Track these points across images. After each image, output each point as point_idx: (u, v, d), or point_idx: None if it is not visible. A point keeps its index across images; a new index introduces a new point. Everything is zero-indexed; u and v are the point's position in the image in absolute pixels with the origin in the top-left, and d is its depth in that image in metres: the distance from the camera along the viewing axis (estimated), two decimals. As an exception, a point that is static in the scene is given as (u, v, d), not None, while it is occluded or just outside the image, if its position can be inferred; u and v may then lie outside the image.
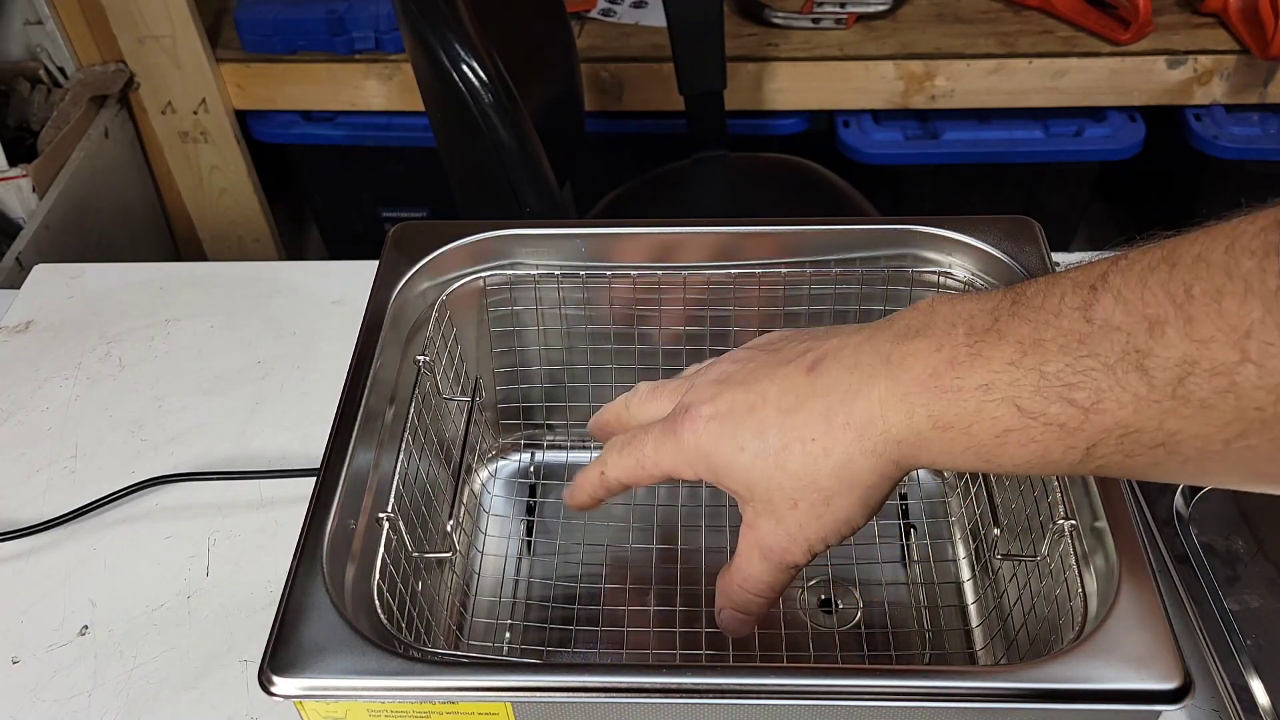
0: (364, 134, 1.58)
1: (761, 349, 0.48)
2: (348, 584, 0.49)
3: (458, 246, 0.62)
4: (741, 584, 0.48)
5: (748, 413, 0.44)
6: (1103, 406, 0.35)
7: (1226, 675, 0.54)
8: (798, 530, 0.44)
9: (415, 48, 0.97)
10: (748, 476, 0.44)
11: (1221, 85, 1.47)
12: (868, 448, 0.42)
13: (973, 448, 0.39)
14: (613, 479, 0.50)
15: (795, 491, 0.43)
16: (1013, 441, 0.38)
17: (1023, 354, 0.37)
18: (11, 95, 1.46)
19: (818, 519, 0.44)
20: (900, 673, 0.44)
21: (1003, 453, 0.38)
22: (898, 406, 0.40)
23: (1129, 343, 0.34)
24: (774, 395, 0.44)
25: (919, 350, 0.40)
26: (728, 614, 0.50)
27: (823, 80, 1.49)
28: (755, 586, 0.47)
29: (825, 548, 0.45)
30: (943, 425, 0.39)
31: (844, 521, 0.44)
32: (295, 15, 1.49)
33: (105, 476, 0.71)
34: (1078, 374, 0.35)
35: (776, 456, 0.43)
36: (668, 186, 1.36)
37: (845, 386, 0.42)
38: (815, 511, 0.44)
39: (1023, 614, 0.54)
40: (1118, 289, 0.35)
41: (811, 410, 0.43)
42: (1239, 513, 0.63)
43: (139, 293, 0.86)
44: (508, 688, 0.43)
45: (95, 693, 0.60)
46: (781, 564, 0.46)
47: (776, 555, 0.46)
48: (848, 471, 0.42)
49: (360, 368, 0.55)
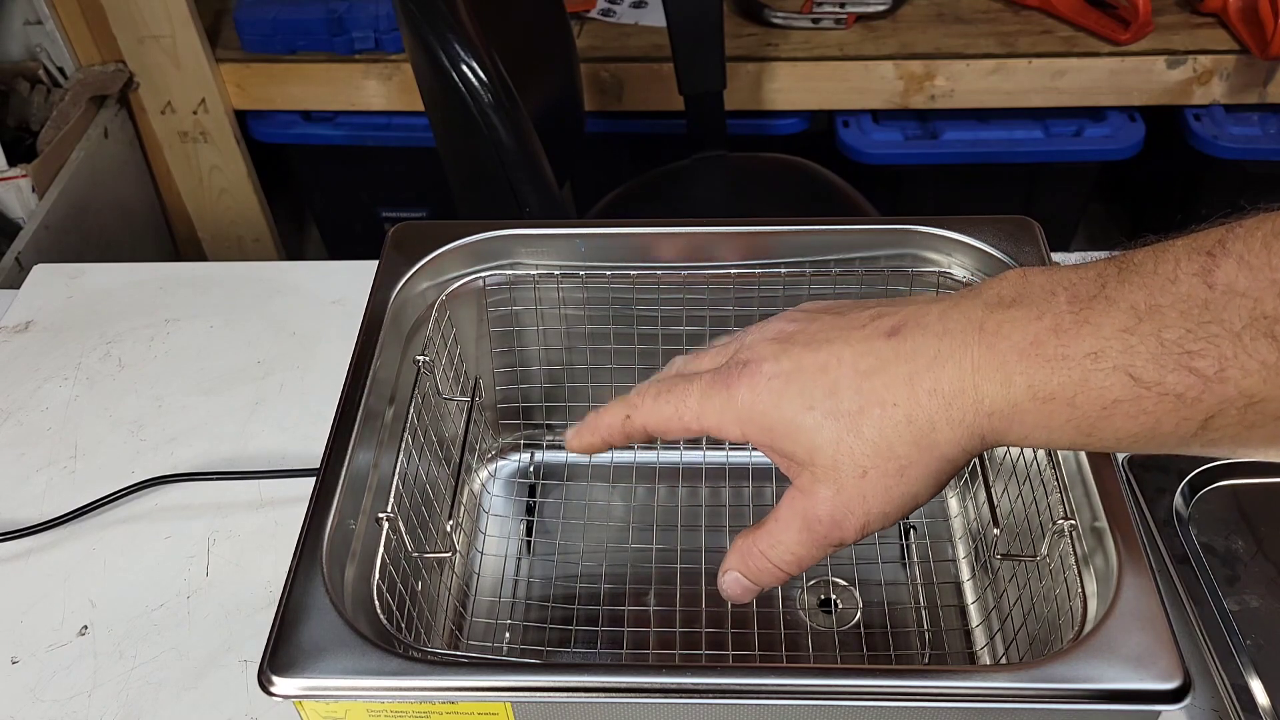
0: (364, 134, 1.58)
1: (823, 311, 0.44)
2: (347, 584, 0.49)
3: (458, 246, 0.62)
4: (766, 550, 0.44)
5: (819, 372, 0.41)
6: (1226, 375, 0.33)
7: (1226, 675, 0.54)
8: (859, 502, 0.41)
9: (415, 48, 0.97)
10: (813, 438, 0.41)
11: (1221, 85, 1.47)
12: (955, 418, 0.39)
13: (1074, 420, 0.37)
14: (639, 425, 0.46)
15: (868, 459, 0.40)
16: (1120, 414, 0.36)
17: (1137, 320, 0.35)
18: (11, 95, 1.46)
19: (885, 491, 0.40)
20: (899, 673, 0.44)
21: (1107, 426, 0.36)
22: (993, 376, 0.38)
23: (1256, 309, 0.32)
24: (850, 357, 0.41)
25: (1017, 318, 0.38)
26: (733, 578, 0.46)
27: (822, 80, 1.49)
28: (781, 557, 0.44)
29: (879, 527, 0.42)
30: (1043, 396, 0.37)
31: (911, 497, 0.41)
32: (295, 15, 1.49)
33: (105, 476, 0.71)
34: (1200, 341, 0.33)
35: (851, 419, 0.40)
36: (668, 186, 1.36)
37: (933, 352, 0.39)
38: (885, 483, 0.40)
39: (1022, 614, 0.54)
40: (1239, 254, 0.33)
41: (894, 374, 0.40)
42: (1239, 513, 0.63)
43: (139, 293, 0.86)
44: (508, 688, 0.43)
45: (95, 693, 0.60)
46: (825, 539, 0.42)
47: (824, 527, 0.42)
48: (929, 441, 0.39)
49: (360, 368, 0.55)
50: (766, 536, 0.44)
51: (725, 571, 0.46)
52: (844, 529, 0.42)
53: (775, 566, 0.44)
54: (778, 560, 0.44)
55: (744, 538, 0.45)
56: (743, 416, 0.43)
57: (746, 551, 0.45)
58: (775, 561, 0.44)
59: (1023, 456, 0.56)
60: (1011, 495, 0.57)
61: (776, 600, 0.62)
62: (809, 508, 0.42)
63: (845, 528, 0.42)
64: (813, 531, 0.42)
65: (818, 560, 0.44)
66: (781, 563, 0.44)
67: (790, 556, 0.43)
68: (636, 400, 0.46)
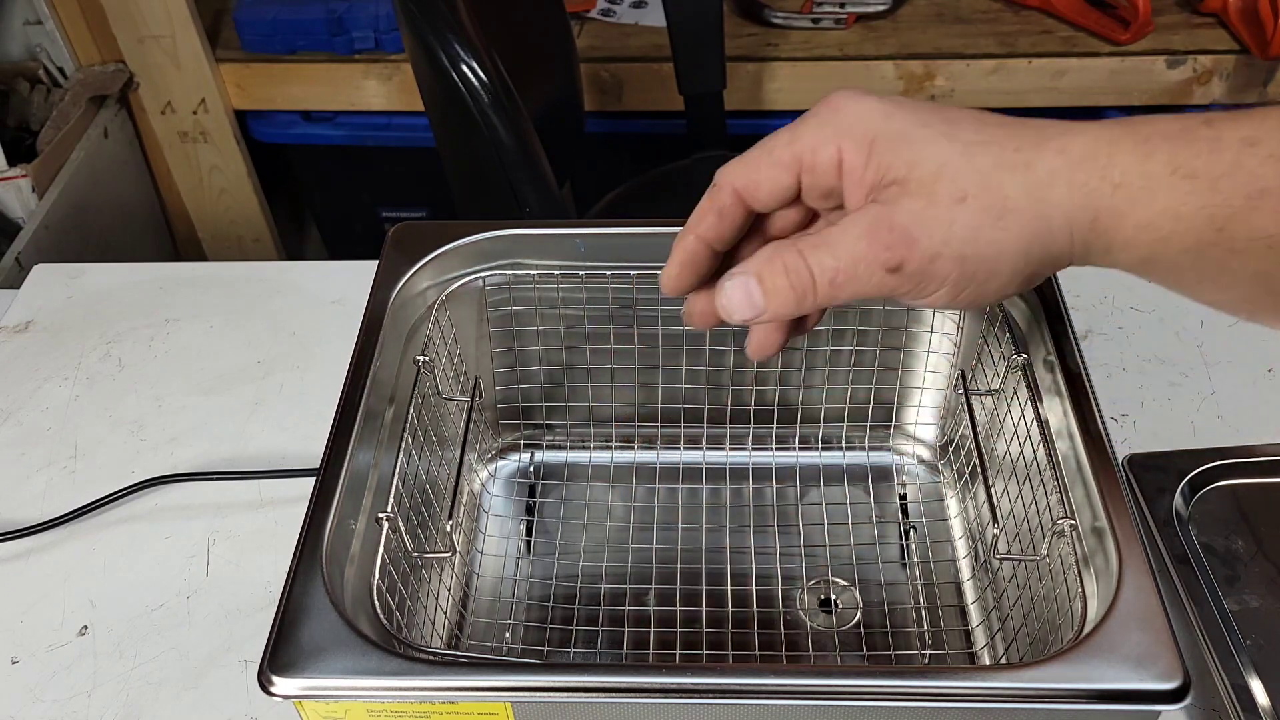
0: (364, 134, 1.58)
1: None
2: (347, 584, 0.49)
3: (458, 246, 0.62)
4: (808, 248, 0.37)
5: (937, 110, 0.38)
6: None
7: (1226, 675, 0.54)
8: (943, 226, 0.36)
9: (415, 48, 0.97)
10: (919, 150, 0.36)
11: (1221, 85, 1.47)
12: (1077, 180, 0.35)
13: (1211, 208, 0.34)
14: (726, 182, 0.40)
15: (972, 185, 0.36)
16: (1268, 209, 0.33)
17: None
18: (11, 95, 1.46)
19: (975, 230, 0.36)
20: (900, 673, 0.44)
21: (1245, 221, 0.33)
22: (1131, 149, 0.35)
23: None
24: (972, 114, 0.38)
25: (1159, 119, 0.35)
26: (739, 284, 0.39)
27: (823, 80, 1.49)
28: (822, 261, 0.37)
29: (944, 276, 0.37)
30: (1184, 173, 0.34)
31: (993, 259, 0.36)
32: (295, 15, 1.49)
33: (105, 476, 0.71)
34: None
35: (965, 146, 0.36)
36: (668, 186, 1.36)
37: (1064, 126, 0.36)
38: (979, 220, 0.36)
39: (1022, 614, 0.54)
40: None
41: (1023, 128, 0.37)
42: (1239, 513, 0.62)
43: (139, 293, 0.86)
44: (508, 688, 0.43)
45: (95, 693, 0.60)
46: (886, 251, 0.36)
47: (893, 236, 0.36)
48: (1042, 194, 0.35)
49: (360, 368, 0.55)
50: (815, 238, 0.38)
51: (734, 275, 0.39)
52: (913, 248, 0.36)
53: (809, 271, 0.37)
54: (816, 263, 0.37)
55: (781, 244, 0.38)
56: (842, 129, 0.38)
57: (781, 250, 0.38)
58: (812, 264, 0.37)
59: (1022, 456, 0.56)
60: (1011, 495, 0.57)
61: (777, 600, 0.62)
62: (885, 213, 0.37)
63: (915, 247, 0.36)
64: (877, 238, 0.36)
65: (859, 288, 0.37)
66: (819, 268, 0.37)
67: (833, 263, 0.37)
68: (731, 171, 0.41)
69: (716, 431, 0.70)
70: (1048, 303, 0.57)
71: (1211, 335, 0.77)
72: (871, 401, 0.68)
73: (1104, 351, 0.76)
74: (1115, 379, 0.74)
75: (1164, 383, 0.74)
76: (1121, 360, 0.76)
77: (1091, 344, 0.77)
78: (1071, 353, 0.55)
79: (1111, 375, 0.75)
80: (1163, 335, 0.77)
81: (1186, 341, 0.77)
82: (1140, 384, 0.74)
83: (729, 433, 0.69)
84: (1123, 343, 0.77)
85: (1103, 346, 0.77)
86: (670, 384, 0.67)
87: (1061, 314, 0.57)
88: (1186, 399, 0.73)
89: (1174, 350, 0.76)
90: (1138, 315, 0.79)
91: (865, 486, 0.68)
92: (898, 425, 0.69)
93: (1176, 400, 0.73)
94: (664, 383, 0.67)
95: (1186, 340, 0.77)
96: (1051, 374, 0.55)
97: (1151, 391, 0.73)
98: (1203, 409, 0.72)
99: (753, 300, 0.39)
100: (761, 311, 0.39)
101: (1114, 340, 0.77)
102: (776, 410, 0.69)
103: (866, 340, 0.65)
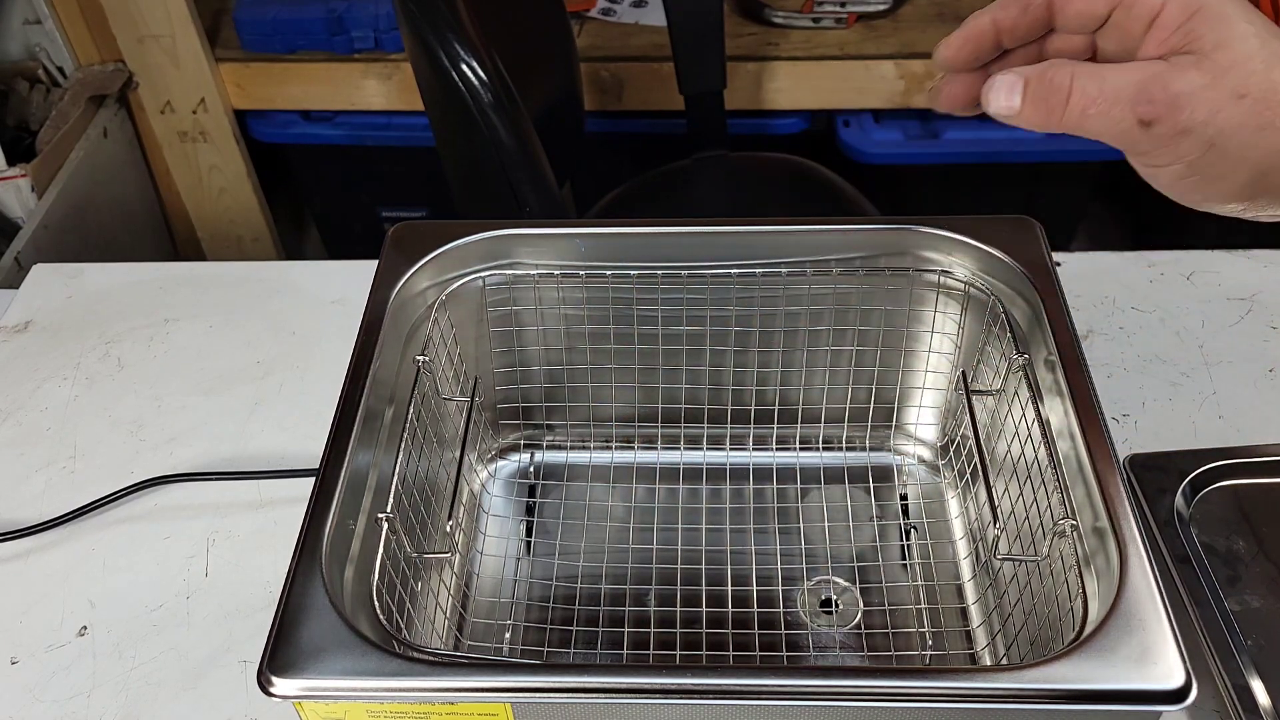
0: (363, 134, 1.58)
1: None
2: (347, 584, 0.49)
3: (458, 246, 0.62)
4: (1082, 72, 0.39)
5: (1267, 20, 0.39)
6: None
7: (1227, 675, 0.53)
8: (1212, 108, 0.38)
9: (415, 48, 0.97)
10: (1232, 38, 0.38)
11: (1221, 85, 1.47)
12: None
13: None
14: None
15: (1257, 89, 0.37)
16: None
17: None
18: (10, 95, 1.46)
19: (1241, 125, 0.37)
20: (900, 673, 0.44)
21: None
22: None
23: None
24: None
25: None
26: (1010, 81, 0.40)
27: (823, 80, 1.49)
28: (1086, 86, 0.39)
29: (1191, 153, 0.38)
30: None
31: (1235, 160, 0.38)
32: (295, 15, 1.49)
33: (105, 476, 0.71)
34: None
35: (1274, 57, 0.38)
36: (668, 186, 1.36)
37: None
38: (1245, 119, 0.37)
39: (1023, 614, 0.54)
40: None
41: None
42: (1240, 513, 0.62)
43: (138, 293, 0.86)
44: (508, 688, 0.43)
45: (94, 693, 0.59)
46: (1151, 104, 0.38)
47: (1163, 94, 0.38)
48: None
49: (360, 368, 0.55)
50: (1091, 65, 0.40)
51: (1009, 73, 0.41)
52: (1174, 114, 0.38)
53: (1069, 92, 0.39)
54: (1080, 88, 0.39)
55: (1044, 65, 0.40)
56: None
57: (1056, 66, 0.40)
58: (1075, 87, 0.39)
59: (1024, 456, 0.56)
60: (1012, 495, 0.57)
61: (777, 601, 0.62)
62: (1167, 73, 0.38)
63: (1176, 114, 0.38)
64: (1146, 90, 0.38)
65: (1106, 126, 0.39)
66: (1080, 92, 0.39)
67: (1096, 93, 0.39)
68: None
69: (717, 432, 0.69)
70: (1049, 303, 0.57)
71: (1212, 335, 0.77)
72: (872, 401, 0.68)
73: (1105, 351, 0.76)
74: (1116, 379, 0.74)
75: (1165, 383, 0.74)
76: (1123, 360, 0.76)
77: (1092, 344, 0.77)
78: (1072, 353, 0.55)
79: (1113, 375, 0.74)
80: (1164, 335, 0.77)
81: (1187, 341, 0.77)
82: (1141, 384, 0.74)
83: (729, 433, 0.69)
84: (1124, 343, 0.77)
85: (1104, 346, 0.77)
86: (670, 384, 0.67)
87: (1063, 314, 0.57)
88: (1187, 399, 0.73)
89: (1175, 350, 0.76)
90: (1139, 315, 0.79)
91: (866, 487, 0.68)
92: (898, 425, 0.69)
93: (1177, 400, 0.73)
94: (664, 383, 0.67)
95: (1187, 340, 0.77)
96: (1052, 374, 0.55)
97: (1152, 391, 0.73)
98: (1204, 409, 0.72)
99: (1012, 100, 0.41)
100: (1015, 112, 0.41)
101: (1115, 340, 0.77)
102: (777, 410, 0.68)
103: (867, 340, 0.65)
